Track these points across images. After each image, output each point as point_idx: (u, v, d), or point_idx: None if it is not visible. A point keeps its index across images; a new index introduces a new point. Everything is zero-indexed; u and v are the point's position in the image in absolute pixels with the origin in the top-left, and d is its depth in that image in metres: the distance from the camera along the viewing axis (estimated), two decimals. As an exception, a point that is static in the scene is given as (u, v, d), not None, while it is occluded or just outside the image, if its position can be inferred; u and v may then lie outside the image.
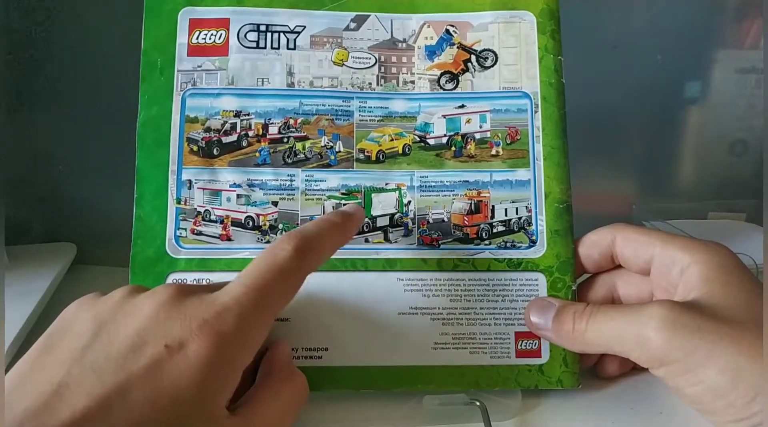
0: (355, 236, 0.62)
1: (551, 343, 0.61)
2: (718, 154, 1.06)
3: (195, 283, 0.60)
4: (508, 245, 0.64)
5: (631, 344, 0.51)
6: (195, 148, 0.63)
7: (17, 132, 0.90)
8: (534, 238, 0.64)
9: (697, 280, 0.53)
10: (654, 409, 0.60)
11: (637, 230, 0.60)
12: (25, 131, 0.90)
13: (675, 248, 0.56)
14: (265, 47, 0.65)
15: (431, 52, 0.66)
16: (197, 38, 0.64)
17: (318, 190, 0.63)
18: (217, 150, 0.63)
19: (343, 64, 0.65)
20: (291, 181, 0.63)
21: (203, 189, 0.63)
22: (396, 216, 0.64)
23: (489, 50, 0.66)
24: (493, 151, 0.65)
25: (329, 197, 0.63)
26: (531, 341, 0.62)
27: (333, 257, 0.60)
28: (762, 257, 0.76)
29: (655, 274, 0.58)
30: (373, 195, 0.64)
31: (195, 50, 0.64)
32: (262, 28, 0.65)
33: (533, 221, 0.64)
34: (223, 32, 0.65)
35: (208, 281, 0.61)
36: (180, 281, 0.61)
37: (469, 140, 0.65)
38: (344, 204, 0.63)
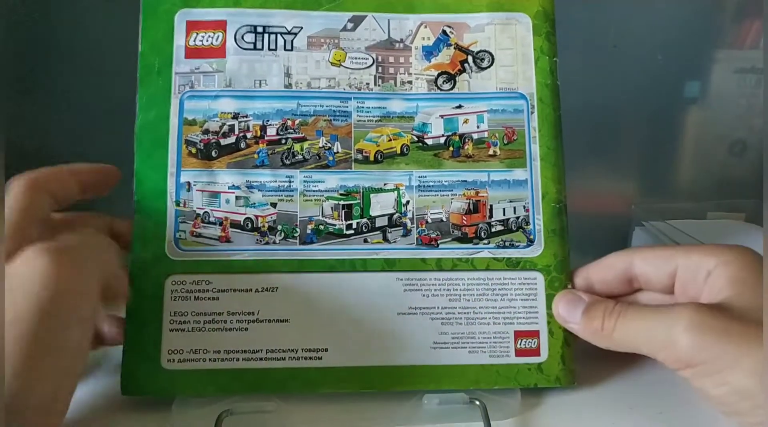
0: (353, 237, 0.64)
1: (549, 340, 0.63)
2: (717, 154, 1.06)
3: (194, 285, 0.62)
4: (507, 244, 0.65)
5: (659, 346, 0.52)
6: (193, 150, 0.64)
7: (17, 131, 0.90)
8: (532, 237, 0.65)
9: (724, 282, 0.53)
10: (654, 409, 0.60)
11: (654, 247, 0.61)
12: (25, 131, 0.90)
13: (699, 254, 0.56)
14: (262, 49, 0.66)
15: (428, 52, 0.67)
16: (194, 40, 0.65)
17: (316, 191, 0.64)
18: (215, 152, 0.64)
19: (341, 65, 0.66)
20: (289, 182, 0.64)
21: (202, 191, 0.63)
22: (395, 216, 0.65)
23: (485, 51, 0.67)
24: (491, 152, 0.66)
25: (328, 198, 0.64)
26: (530, 340, 0.63)
27: (332, 257, 0.63)
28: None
29: (680, 285, 0.58)
30: (371, 195, 0.65)
31: (192, 52, 0.65)
32: (259, 29, 0.66)
33: (531, 221, 0.65)
34: (220, 34, 0.65)
35: (207, 282, 0.62)
36: (180, 282, 0.61)
37: (466, 140, 0.66)
38: (343, 205, 0.64)
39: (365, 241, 0.64)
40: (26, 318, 0.45)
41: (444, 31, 0.67)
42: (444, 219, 0.65)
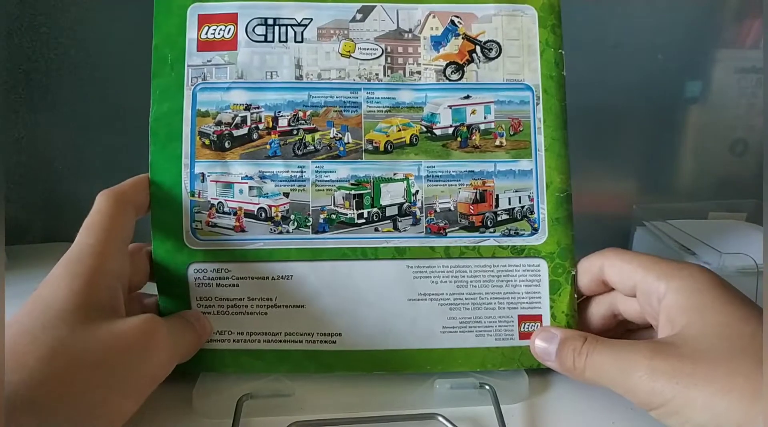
0: (364, 225, 0.67)
1: (552, 324, 0.67)
2: (718, 153, 1.09)
3: (215, 273, 0.65)
4: (512, 232, 0.68)
5: (622, 390, 0.55)
6: (207, 141, 0.66)
7: (18, 132, 0.93)
8: (536, 225, 0.68)
9: (676, 310, 0.56)
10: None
11: (622, 257, 0.63)
12: (26, 131, 0.93)
13: (653, 277, 0.58)
14: (273, 41, 0.68)
15: (437, 42, 0.70)
16: (206, 33, 0.68)
17: (328, 181, 0.67)
18: (228, 143, 0.67)
19: (350, 56, 0.69)
20: (301, 172, 0.67)
21: (216, 182, 0.66)
22: (404, 205, 0.67)
23: (493, 41, 0.70)
24: (497, 142, 0.69)
25: (339, 188, 0.67)
26: (533, 324, 0.66)
27: (344, 246, 0.66)
28: (762, 258, 0.79)
29: (640, 301, 0.61)
30: (381, 185, 0.67)
31: (204, 45, 0.68)
32: (270, 21, 0.68)
33: (535, 210, 0.68)
34: (232, 27, 0.68)
35: (226, 270, 0.65)
36: (201, 270, 0.65)
37: (474, 131, 0.69)
38: (354, 194, 0.67)
39: (376, 230, 0.67)
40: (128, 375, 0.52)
41: (452, 21, 0.70)
42: (452, 208, 0.68)
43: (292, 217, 0.66)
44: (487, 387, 0.63)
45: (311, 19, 0.69)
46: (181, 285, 0.65)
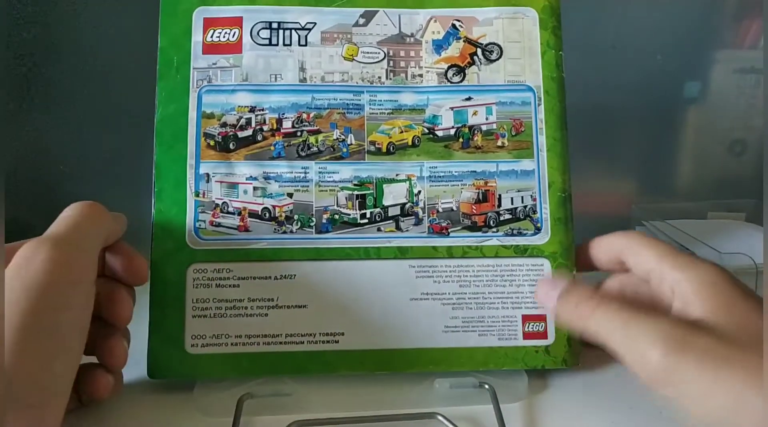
0: (367, 225, 0.68)
1: (556, 324, 0.67)
2: (717, 153, 1.10)
3: (216, 273, 0.66)
4: (515, 232, 0.69)
5: (632, 358, 0.51)
6: (212, 142, 0.68)
7: (18, 132, 0.94)
8: (539, 225, 0.69)
9: (693, 297, 0.53)
10: (654, 409, 0.62)
11: (642, 242, 0.61)
12: (26, 131, 0.94)
13: (668, 266, 0.57)
14: (277, 44, 0.70)
15: (438, 46, 0.71)
16: (212, 36, 0.69)
17: (331, 181, 0.68)
18: (233, 144, 0.68)
19: (353, 59, 0.70)
20: (305, 173, 0.68)
21: (221, 182, 0.67)
22: (407, 206, 0.69)
23: (494, 44, 0.71)
24: (499, 143, 0.70)
25: (342, 188, 0.68)
26: (537, 324, 0.67)
27: (347, 246, 0.67)
28: (762, 257, 0.79)
29: (653, 288, 0.60)
30: (384, 185, 0.68)
31: (210, 48, 0.69)
32: (274, 25, 0.70)
33: (538, 209, 0.69)
34: (237, 30, 0.69)
35: (228, 270, 0.66)
36: (201, 270, 0.66)
37: (476, 132, 0.70)
38: (357, 195, 0.68)
39: (378, 230, 0.68)
40: (20, 301, 0.48)
41: (453, 25, 0.71)
42: (454, 208, 0.69)
43: (296, 217, 0.67)
44: (487, 386, 0.64)
45: (315, 23, 0.70)
46: (177, 286, 0.65)
